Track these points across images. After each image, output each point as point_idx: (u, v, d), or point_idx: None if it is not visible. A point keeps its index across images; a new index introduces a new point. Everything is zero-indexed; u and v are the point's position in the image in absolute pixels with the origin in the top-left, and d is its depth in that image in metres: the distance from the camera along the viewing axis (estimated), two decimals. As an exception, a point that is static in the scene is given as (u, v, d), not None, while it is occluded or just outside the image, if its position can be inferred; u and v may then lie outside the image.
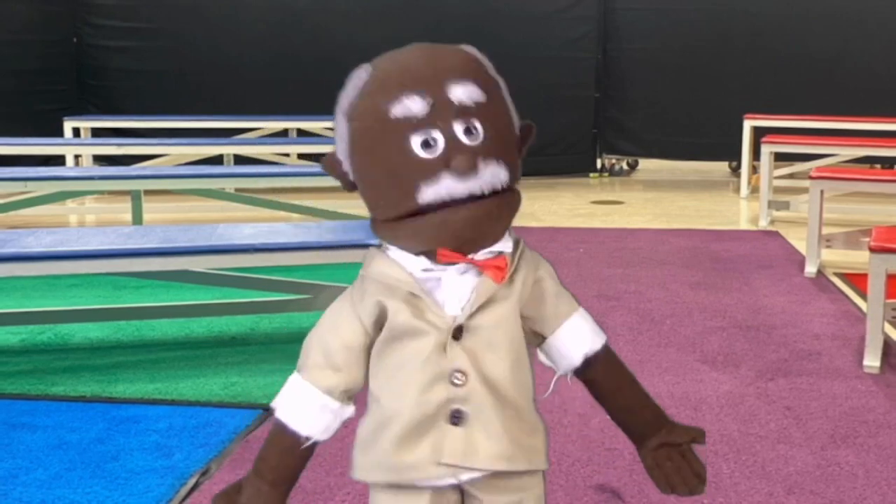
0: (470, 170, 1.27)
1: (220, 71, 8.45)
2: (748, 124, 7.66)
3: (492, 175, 1.30)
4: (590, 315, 1.53)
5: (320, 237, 3.65)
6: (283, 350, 3.68)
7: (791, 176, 7.43)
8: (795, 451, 2.78)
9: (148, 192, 5.83)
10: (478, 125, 1.30)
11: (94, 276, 4.38)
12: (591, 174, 8.95)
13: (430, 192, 1.28)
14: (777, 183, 6.92)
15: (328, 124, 7.81)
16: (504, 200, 1.33)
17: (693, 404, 3.14)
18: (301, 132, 8.09)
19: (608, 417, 1.57)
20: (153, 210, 6.10)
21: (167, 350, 3.75)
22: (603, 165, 9.06)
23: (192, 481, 2.59)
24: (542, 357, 1.49)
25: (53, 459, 2.72)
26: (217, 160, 7.34)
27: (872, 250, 3.50)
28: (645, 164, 9.46)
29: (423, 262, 1.35)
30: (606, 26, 8.66)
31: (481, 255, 1.35)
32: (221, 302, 3.97)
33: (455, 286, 1.36)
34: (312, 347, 1.43)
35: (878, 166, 7.95)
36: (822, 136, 7.03)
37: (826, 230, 5.12)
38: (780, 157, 7.01)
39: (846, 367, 3.53)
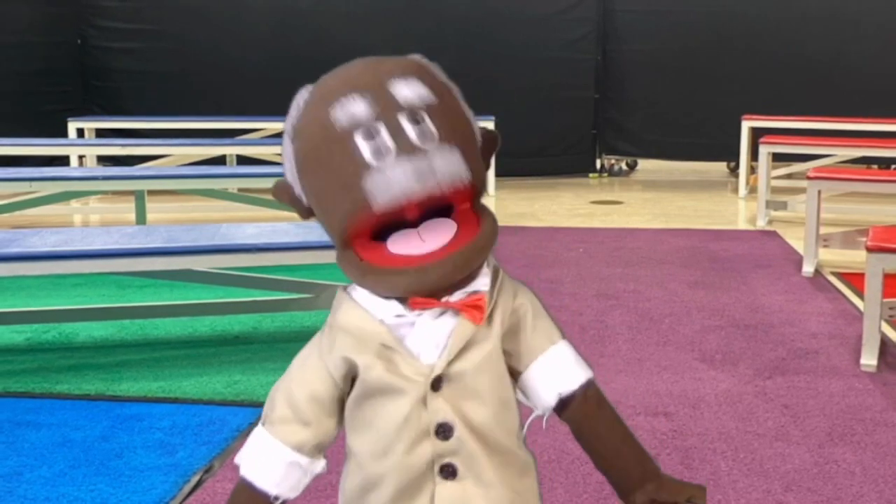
0: (415, 149, 1.16)
1: (223, 72, 8.46)
2: (746, 125, 7.68)
3: (449, 164, 1.18)
4: (572, 349, 1.36)
5: (322, 237, 3.60)
6: (286, 349, 3.68)
7: (789, 176, 7.45)
8: (793, 448, 2.79)
9: (151, 193, 5.85)
10: (425, 116, 1.19)
11: (99, 275, 4.40)
12: (591, 174, 8.96)
13: (383, 194, 1.16)
14: (775, 183, 6.95)
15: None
16: (480, 244, 1.22)
17: (692, 402, 3.16)
18: (302, 133, 8.10)
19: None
20: (157, 210, 6.12)
21: (171, 349, 3.76)
22: (602, 166, 9.07)
23: (195, 479, 2.60)
24: (519, 395, 1.35)
25: (58, 457, 2.73)
26: (220, 160, 7.35)
27: (869, 250, 3.52)
28: (644, 164, 9.47)
29: (395, 306, 1.24)
30: (606, 28, 8.67)
31: (457, 297, 1.24)
32: (224, 301, 3.99)
33: (430, 331, 1.25)
34: (278, 399, 1.31)
35: (875, 166, 7.96)
36: (819, 136, 7.04)
37: (823, 230, 5.14)
38: (778, 158, 7.03)
39: (843, 365, 3.54)
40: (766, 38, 8.31)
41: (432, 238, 1.22)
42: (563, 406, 1.34)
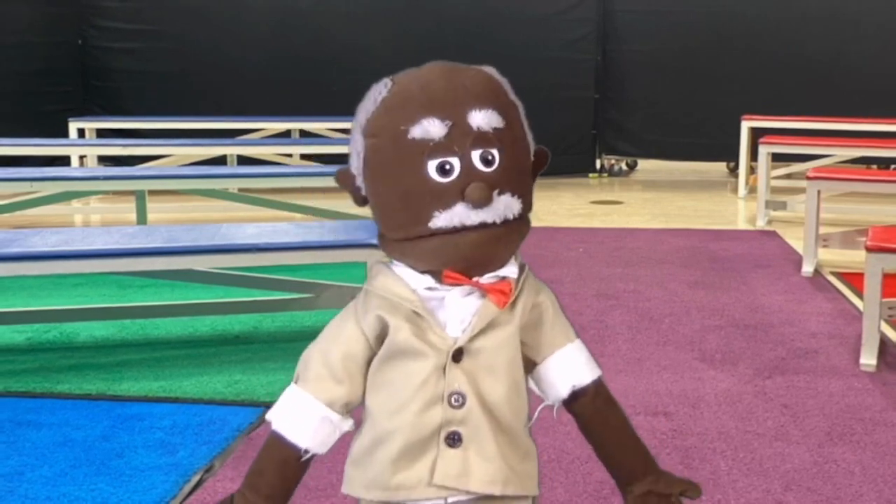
0: (485, 202, 1.26)
1: (224, 72, 8.47)
2: (746, 125, 7.69)
3: (505, 206, 1.28)
4: (586, 348, 1.47)
5: (322, 237, 3.66)
6: (286, 348, 3.70)
7: (788, 176, 7.45)
8: (793, 448, 2.79)
9: (152, 193, 5.84)
10: (495, 153, 1.28)
11: (99, 275, 4.41)
12: (591, 174, 8.97)
13: (443, 219, 1.26)
14: (774, 183, 6.95)
15: (330, 125, 7.84)
16: (514, 227, 1.32)
17: (691, 402, 3.16)
18: (303, 133, 8.11)
19: None
20: (157, 210, 6.11)
21: (171, 348, 3.76)
22: (602, 166, 9.08)
23: (195, 478, 2.60)
24: (531, 384, 1.44)
25: (59, 456, 2.73)
26: (220, 160, 7.35)
27: (869, 250, 3.52)
28: (644, 164, 9.47)
29: (428, 280, 1.33)
30: (606, 28, 8.68)
31: (486, 279, 1.33)
32: (225, 301, 3.99)
33: (458, 307, 1.34)
34: (313, 359, 1.39)
35: (875, 167, 7.97)
36: (819, 136, 7.05)
37: (823, 230, 5.14)
38: (778, 158, 7.04)
39: (843, 365, 3.55)
40: (765, 38, 8.32)
41: None
42: (574, 398, 1.44)
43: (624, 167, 9.39)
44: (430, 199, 1.27)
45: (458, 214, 1.26)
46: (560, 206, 7.33)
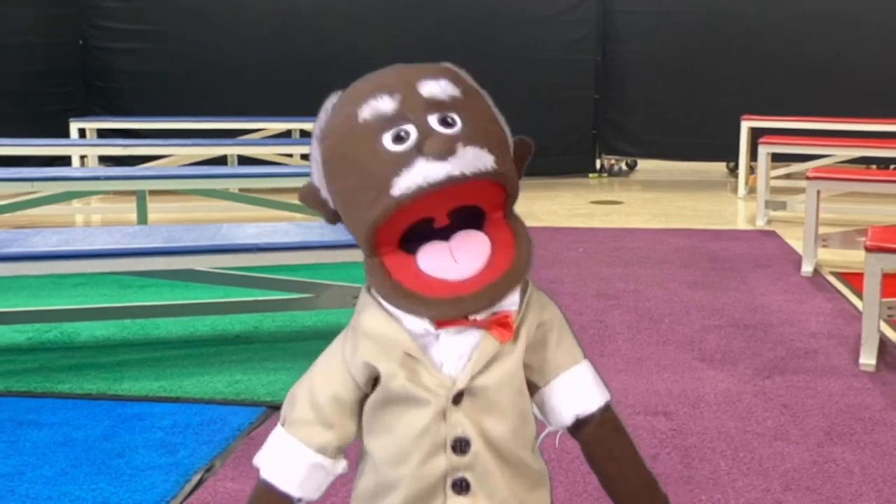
0: (446, 152, 1.14)
1: (224, 72, 8.47)
2: (746, 125, 7.69)
3: (474, 157, 1.16)
4: (593, 370, 1.37)
5: (322, 237, 3.65)
6: (287, 348, 3.70)
7: (788, 176, 7.46)
8: (792, 448, 2.80)
9: (153, 193, 5.86)
10: (455, 116, 1.19)
11: (100, 275, 4.41)
12: (591, 174, 8.97)
13: (404, 180, 1.15)
14: (774, 183, 6.96)
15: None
16: (512, 272, 1.22)
17: (691, 402, 3.17)
18: (304, 133, 8.11)
19: None
20: (158, 210, 6.13)
21: (172, 348, 3.76)
22: (602, 166, 9.09)
23: (196, 478, 2.60)
24: (534, 409, 1.34)
25: (59, 456, 2.73)
26: (221, 161, 7.35)
27: (868, 250, 3.53)
28: (643, 164, 9.48)
29: (422, 322, 1.23)
30: (605, 28, 8.69)
31: (484, 314, 1.24)
32: (225, 301, 3.99)
33: (455, 343, 1.24)
34: (300, 400, 1.30)
35: (874, 167, 7.98)
36: (818, 136, 7.05)
37: (822, 230, 5.14)
38: (777, 158, 7.04)
39: (842, 365, 3.55)
40: (765, 38, 8.33)
41: (465, 258, 1.21)
42: (579, 426, 1.35)
43: (624, 167, 9.40)
44: (390, 167, 1.16)
45: (420, 170, 1.14)
46: (560, 206, 7.34)
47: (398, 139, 1.17)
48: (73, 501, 2.46)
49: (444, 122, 1.18)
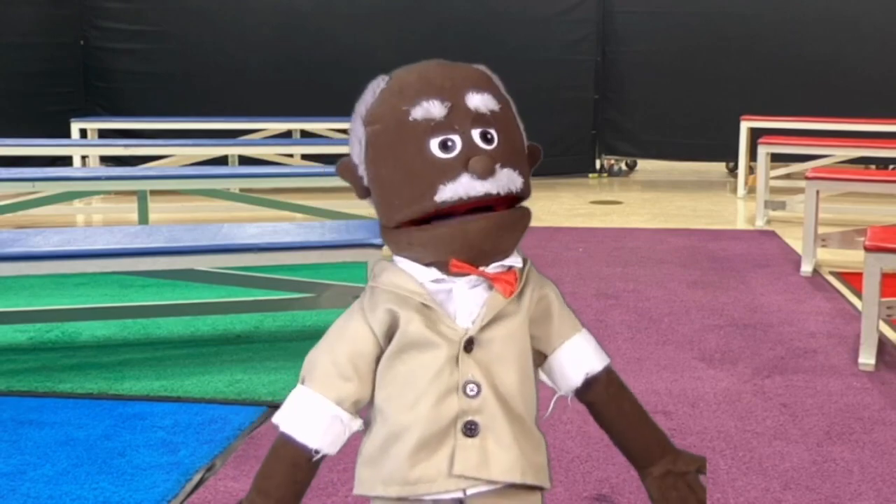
0: (488, 172, 1.29)
1: (225, 73, 8.48)
2: (745, 125, 7.71)
3: (508, 178, 1.31)
4: (593, 337, 1.49)
5: (323, 237, 3.66)
6: (287, 348, 3.72)
7: (787, 176, 7.47)
8: (791, 447, 2.80)
9: (154, 193, 5.86)
10: (493, 132, 1.32)
11: (101, 274, 4.42)
12: (591, 175, 8.99)
13: (448, 191, 1.28)
14: (773, 183, 6.97)
15: (331, 125, 7.86)
16: (518, 214, 1.36)
17: (691, 401, 3.18)
18: (304, 133, 8.13)
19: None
20: (159, 210, 6.14)
21: (173, 348, 3.77)
22: (602, 166, 9.10)
23: (197, 477, 2.61)
24: (542, 377, 1.46)
25: (61, 455, 2.74)
26: (222, 161, 7.37)
27: (867, 249, 3.53)
28: (643, 164, 9.49)
29: (434, 272, 1.34)
30: (605, 29, 8.70)
31: (492, 269, 1.35)
32: (226, 300, 4.00)
33: (465, 299, 1.35)
34: (319, 358, 1.38)
35: (873, 167, 7.99)
36: (817, 137, 7.06)
37: (822, 230, 5.14)
38: (777, 158, 7.06)
39: (841, 364, 3.56)
40: (764, 39, 8.34)
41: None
42: (587, 387, 1.46)
43: (623, 167, 9.41)
44: (435, 173, 1.29)
45: (463, 185, 1.28)
46: (560, 206, 7.35)
47: (445, 147, 1.29)
48: (74, 500, 2.46)
49: (485, 138, 1.31)
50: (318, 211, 5.74)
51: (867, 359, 3.52)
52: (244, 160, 7.52)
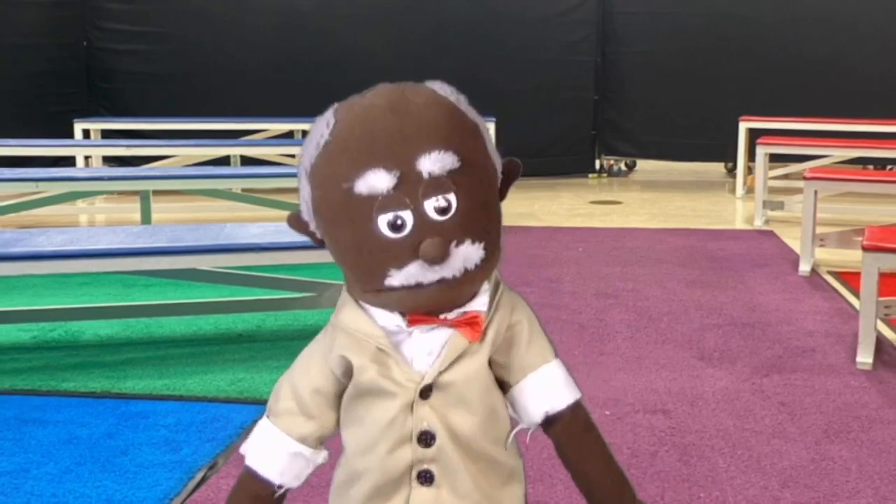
0: (441, 259, 1.19)
1: (227, 74, 8.49)
2: (744, 126, 7.72)
3: (463, 259, 1.21)
4: (563, 369, 1.38)
5: (324, 237, 3.68)
6: (289, 347, 3.71)
7: (786, 176, 7.48)
8: (790, 445, 2.82)
9: (156, 193, 5.88)
10: (451, 198, 1.19)
11: (104, 274, 4.42)
12: (590, 175, 8.99)
13: (399, 278, 1.20)
14: (772, 183, 6.98)
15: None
16: (476, 274, 1.24)
17: (690, 400, 3.19)
18: (305, 133, 8.12)
19: (606, 413, 1.54)
20: (161, 210, 6.16)
21: (175, 347, 3.78)
22: (601, 166, 9.11)
23: (199, 475, 2.62)
24: (507, 406, 1.37)
25: (64, 454, 2.75)
26: (224, 161, 7.37)
27: (865, 249, 3.54)
28: (643, 164, 9.50)
29: (395, 317, 1.27)
30: (605, 30, 8.71)
31: (454, 314, 1.27)
32: (228, 300, 4.01)
33: (425, 340, 1.28)
34: (283, 393, 1.35)
35: (871, 167, 8.00)
36: (815, 137, 7.07)
37: (820, 230, 5.16)
38: (775, 158, 7.06)
39: (839, 363, 3.57)
40: (763, 40, 8.35)
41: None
42: (549, 423, 1.37)
43: (623, 167, 9.42)
44: (384, 258, 1.20)
45: (414, 274, 1.20)
46: (560, 206, 7.36)
47: (394, 227, 1.19)
48: (77, 499, 2.47)
49: (441, 210, 1.19)
50: (318, 211, 5.73)
51: (865, 358, 3.53)
52: (246, 160, 7.52)
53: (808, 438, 2.88)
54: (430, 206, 1.19)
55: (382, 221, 1.19)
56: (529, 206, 7.14)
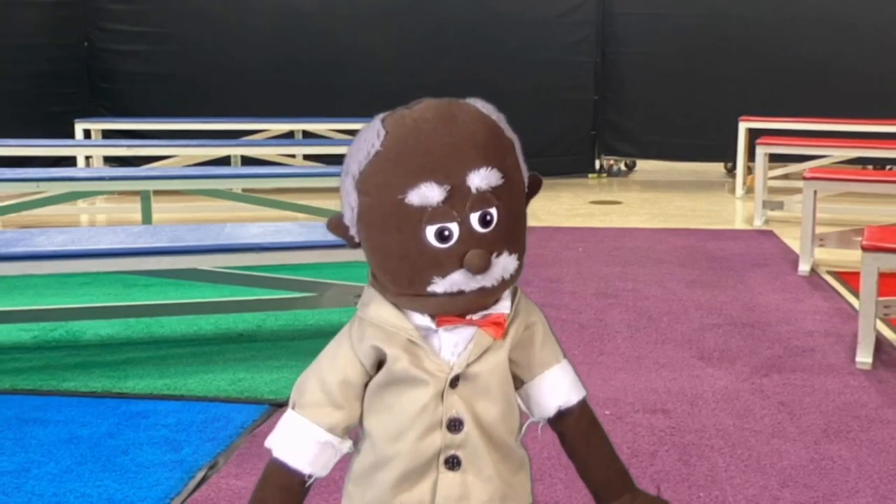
0: (484, 269, 1.25)
1: (228, 74, 8.50)
2: (743, 126, 7.73)
3: (502, 269, 1.28)
4: (572, 368, 1.49)
5: (325, 236, 3.60)
6: (289, 346, 3.73)
7: (785, 177, 7.49)
8: (789, 445, 2.82)
9: (157, 193, 5.89)
10: (493, 213, 1.26)
11: (105, 274, 4.43)
12: (590, 175, 9.01)
13: (441, 286, 1.27)
14: (771, 183, 6.99)
15: (333, 126, 7.88)
16: (508, 284, 1.32)
17: (689, 399, 3.20)
18: (306, 134, 8.15)
19: (606, 412, 1.58)
20: (162, 210, 6.17)
21: (176, 346, 3.79)
22: (601, 166, 9.12)
23: (200, 475, 2.62)
24: (518, 401, 1.45)
25: (65, 453, 2.75)
26: (224, 161, 7.37)
27: (864, 249, 3.55)
28: (642, 164, 9.51)
29: (425, 318, 1.33)
30: (605, 31, 8.72)
31: (479, 315, 1.34)
32: (229, 300, 4.01)
33: (452, 335, 1.35)
34: (310, 384, 1.39)
35: (870, 167, 8.01)
36: (815, 137, 7.08)
37: (819, 230, 5.16)
38: (775, 158, 7.07)
39: (839, 363, 3.58)
40: (762, 40, 8.36)
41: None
42: (559, 418, 1.46)
43: (623, 167, 9.43)
44: (429, 266, 1.26)
45: (457, 282, 1.26)
46: (560, 206, 7.36)
47: (441, 237, 1.25)
48: (78, 498, 2.48)
49: (484, 223, 1.26)
50: (319, 211, 5.75)
51: (864, 357, 3.54)
52: (246, 160, 7.52)
53: (808, 438, 2.88)
54: (476, 219, 1.25)
55: (431, 232, 1.25)
56: (529, 206, 7.11)
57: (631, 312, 4.27)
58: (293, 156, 7.87)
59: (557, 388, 1.45)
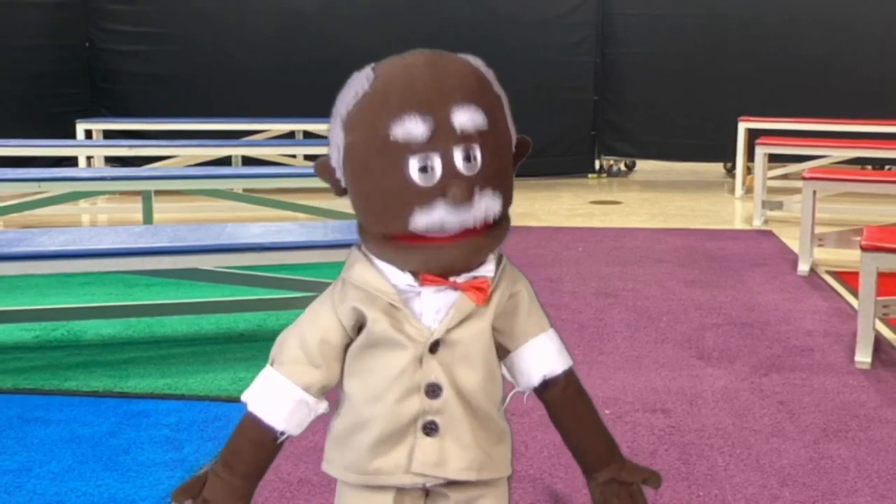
0: (465, 201, 1.25)
1: (229, 74, 8.50)
2: (743, 126, 7.73)
3: (486, 207, 1.28)
4: (558, 337, 1.48)
5: (326, 236, 3.68)
6: (290, 346, 3.74)
7: (784, 177, 7.49)
8: (789, 444, 2.83)
9: (158, 193, 5.88)
10: (477, 153, 1.27)
11: (106, 274, 4.43)
12: (590, 175, 9.01)
13: (423, 220, 1.26)
14: (771, 183, 6.99)
15: (332, 127, 7.89)
16: (494, 234, 1.32)
17: (689, 399, 3.20)
18: (307, 134, 8.15)
19: (606, 412, 1.58)
20: (163, 210, 6.16)
21: (177, 346, 3.80)
22: (601, 166, 9.13)
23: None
24: (503, 370, 1.46)
25: (66, 453, 2.76)
26: (225, 161, 7.38)
27: (863, 249, 3.55)
28: (642, 165, 9.51)
29: (406, 276, 1.33)
30: (605, 31, 8.73)
31: (463, 278, 1.34)
32: (230, 299, 4.02)
33: (433, 299, 1.35)
34: (290, 342, 1.41)
35: (869, 167, 8.02)
36: (814, 137, 7.08)
37: (818, 230, 5.17)
38: (774, 158, 7.08)
39: (838, 362, 3.58)
40: (762, 41, 8.37)
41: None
42: (545, 387, 1.46)
43: (622, 168, 9.44)
44: (411, 199, 1.26)
45: (439, 216, 1.26)
46: (560, 206, 7.37)
47: (424, 170, 1.26)
48: (79, 497, 2.48)
49: (467, 160, 1.27)
50: (320, 211, 5.75)
51: (863, 357, 3.54)
52: (247, 161, 7.53)
53: (807, 437, 2.89)
54: (459, 155, 1.26)
55: (413, 165, 1.25)
56: (529, 206, 7.15)
57: (630, 312, 4.28)
58: (294, 156, 7.88)
59: (542, 357, 1.45)
